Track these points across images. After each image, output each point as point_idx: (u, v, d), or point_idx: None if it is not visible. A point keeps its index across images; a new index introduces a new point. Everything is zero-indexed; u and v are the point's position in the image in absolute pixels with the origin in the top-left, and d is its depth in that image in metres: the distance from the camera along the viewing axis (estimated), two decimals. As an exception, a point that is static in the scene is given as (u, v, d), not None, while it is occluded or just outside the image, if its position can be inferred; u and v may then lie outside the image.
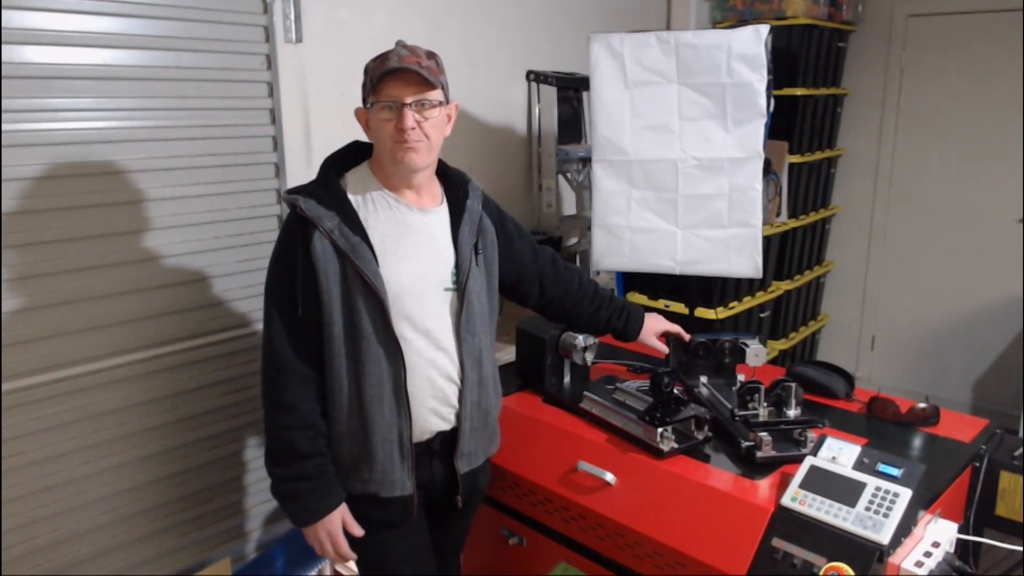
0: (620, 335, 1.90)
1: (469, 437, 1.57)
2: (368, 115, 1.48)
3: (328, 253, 1.41)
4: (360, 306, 1.43)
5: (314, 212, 1.41)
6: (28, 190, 1.73)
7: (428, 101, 1.44)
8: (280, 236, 1.48)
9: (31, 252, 1.76)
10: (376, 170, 1.53)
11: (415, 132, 1.43)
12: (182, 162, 1.98)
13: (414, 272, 1.48)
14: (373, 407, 1.45)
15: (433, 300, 1.51)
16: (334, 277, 1.42)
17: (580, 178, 3.22)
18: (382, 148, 1.47)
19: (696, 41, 2.19)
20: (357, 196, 1.49)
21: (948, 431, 1.69)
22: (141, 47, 1.87)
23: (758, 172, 2.21)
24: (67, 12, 1.75)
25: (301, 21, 2.17)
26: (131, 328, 1.93)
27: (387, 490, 1.50)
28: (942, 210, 3.80)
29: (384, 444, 1.47)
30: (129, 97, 1.87)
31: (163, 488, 2.04)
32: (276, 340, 1.43)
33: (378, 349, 1.44)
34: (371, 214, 1.48)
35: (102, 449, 1.92)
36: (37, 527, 1.83)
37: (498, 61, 2.88)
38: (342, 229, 1.42)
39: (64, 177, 1.79)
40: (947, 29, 3.67)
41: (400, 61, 1.40)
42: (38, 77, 1.73)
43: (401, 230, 1.49)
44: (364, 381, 1.45)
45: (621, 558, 1.56)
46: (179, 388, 2.03)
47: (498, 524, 1.83)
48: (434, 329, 1.51)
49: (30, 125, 1.72)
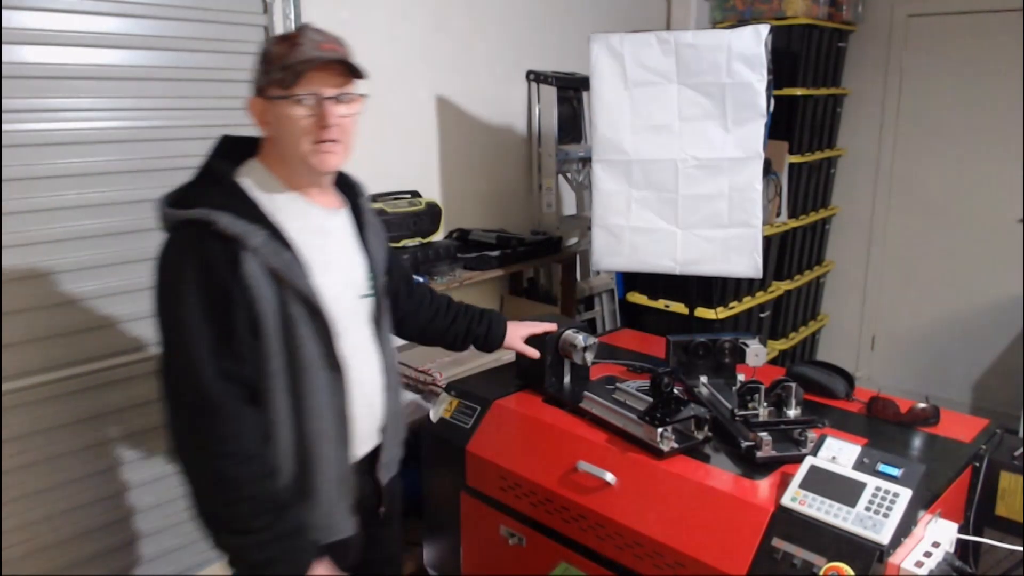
0: (484, 343, 1.77)
1: (390, 446, 1.49)
2: (267, 107, 1.27)
3: (261, 275, 1.21)
4: (301, 331, 1.25)
5: (238, 229, 1.19)
6: (28, 190, 1.73)
7: (351, 95, 1.28)
8: (188, 259, 1.19)
9: (31, 252, 1.76)
10: (275, 168, 1.31)
11: (337, 130, 1.26)
12: (182, 162, 1.97)
13: (338, 284, 1.34)
14: (318, 442, 1.29)
15: (355, 311, 1.39)
16: (271, 303, 1.22)
17: (580, 178, 3.22)
18: (292, 148, 1.27)
19: (696, 41, 2.19)
20: (262, 201, 1.27)
21: (948, 431, 1.69)
22: (141, 47, 1.88)
23: (758, 172, 2.21)
24: (67, 12, 1.75)
25: (301, 21, 2.17)
26: (131, 328, 1.93)
27: (326, 535, 1.34)
28: (942, 210, 3.80)
29: (327, 483, 1.32)
30: (129, 97, 1.87)
31: (163, 488, 2.04)
32: (209, 384, 1.18)
33: (321, 377, 1.28)
34: (286, 222, 1.27)
35: (102, 449, 1.92)
36: (37, 527, 1.83)
37: (498, 61, 2.88)
38: (271, 245, 1.22)
39: (64, 177, 1.79)
40: (947, 29, 3.67)
41: (319, 48, 1.23)
42: (38, 77, 1.73)
43: (321, 237, 1.33)
44: (307, 415, 1.28)
45: (621, 558, 1.56)
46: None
47: (498, 524, 1.83)
48: (362, 342, 1.40)
49: (30, 125, 1.72)
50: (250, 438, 1.23)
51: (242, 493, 1.21)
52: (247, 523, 1.21)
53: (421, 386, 2.41)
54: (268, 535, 1.22)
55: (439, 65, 2.69)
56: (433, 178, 2.75)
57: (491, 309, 1.80)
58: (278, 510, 1.24)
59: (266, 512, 1.22)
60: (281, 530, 1.24)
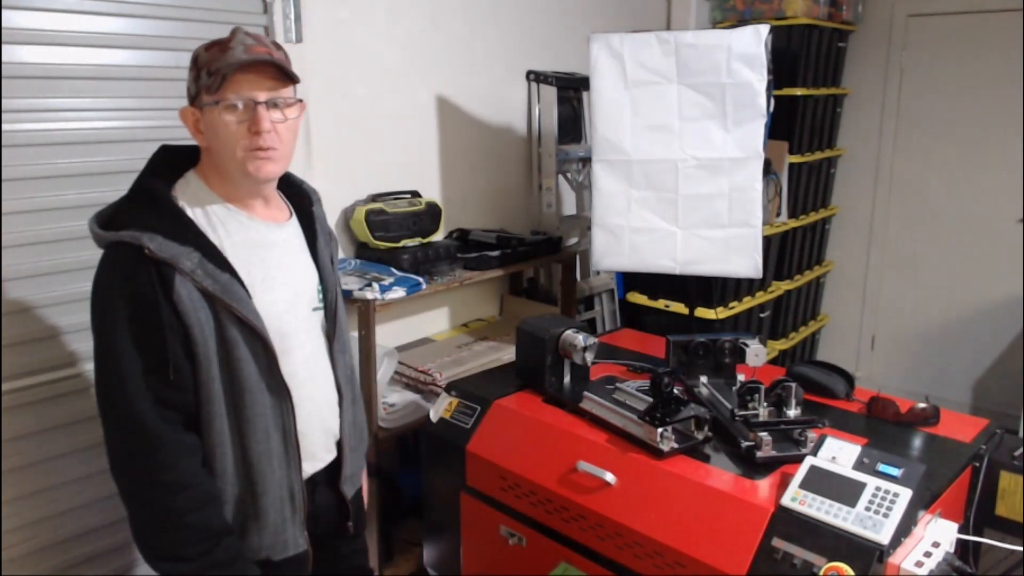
0: None
1: (351, 459, 1.46)
2: (199, 116, 1.22)
3: (195, 299, 1.16)
4: (240, 354, 1.21)
5: (169, 252, 1.14)
6: (28, 190, 1.73)
7: (285, 99, 1.23)
8: (118, 283, 1.16)
9: (31, 252, 1.76)
10: (211, 181, 1.26)
11: (271, 136, 1.20)
12: (182, 162, 1.98)
13: (286, 300, 1.30)
14: (262, 464, 1.27)
15: (306, 326, 1.34)
16: (207, 326, 1.18)
17: (580, 178, 3.22)
18: (226, 156, 1.22)
19: (696, 41, 2.19)
20: (198, 216, 1.23)
21: (948, 431, 1.69)
22: (141, 47, 1.88)
23: (758, 172, 2.21)
24: (67, 12, 1.75)
25: (301, 21, 2.17)
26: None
27: (279, 551, 1.32)
28: (942, 210, 3.80)
29: (275, 503, 1.30)
30: (129, 97, 1.87)
31: (163, 488, 2.04)
32: (143, 412, 1.15)
33: (264, 398, 1.25)
34: (224, 239, 1.23)
35: (102, 449, 1.91)
36: (37, 527, 1.83)
37: (498, 61, 2.88)
38: (206, 267, 1.17)
39: (64, 177, 1.79)
40: (947, 29, 3.67)
41: (249, 51, 1.18)
42: (38, 77, 1.73)
43: (262, 253, 1.28)
44: (249, 438, 1.25)
45: (621, 558, 1.56)
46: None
47: (498, 524, 1.83)
48: (312, 357, 1.36)
49: (30, 125, 1.72)
50: (187, 466, 1.20)
51: (179, 521, 1.19)
52: (183, 551, 1.20)
53: (421, 386, 2.41)
54: (204, 562, 1.21)
55: (439, 65, 2.69)
56: (433, 178, 2.75)
57: None
58: (215, 537, 1.22)
59: (202, 540, 1.20)
60: (218, 558, 1.22)
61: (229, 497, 1.27)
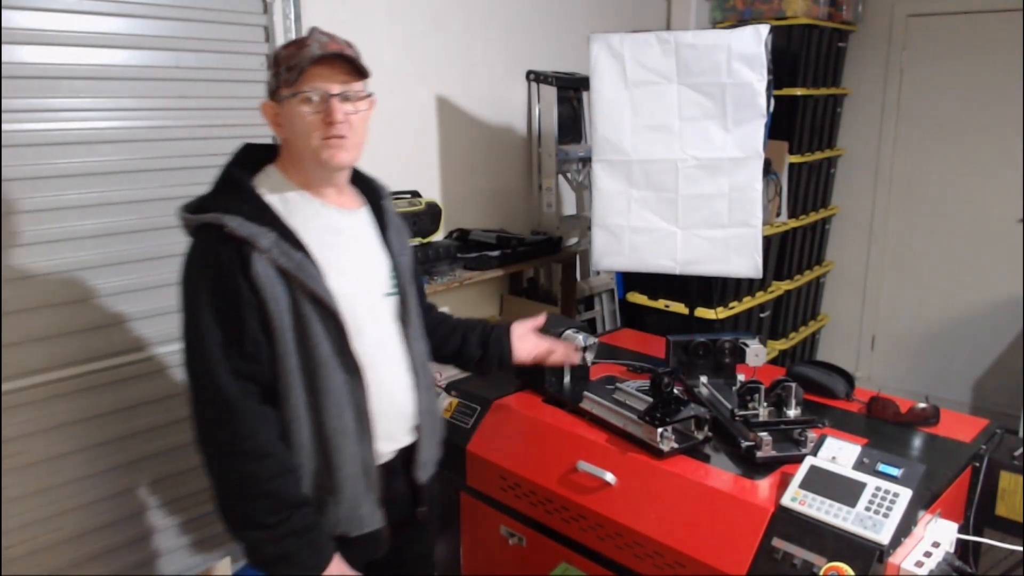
0: (492, 340, 1.67)
1: (426, 445, 1.49)
2: (279, 109, 1.31)
3: (272, 276, 1.24)
4: (314, 330, 1.27)
5: (247, 231, 1.23)
6: (28, 190, 1.73)
7: (357, 92, 1.30)
8: (203, 261, 1.25)
9: (31, 252, 1.76)
10: (290, 172, 1.35)
11: (344, 126, 1.28)
12: (182, 162, 1.98)
13: (356, 282, 1.36)
14: (337, 439, 1.31)
15: (378, 309, 1.40)
16: (283, 302, 1.25)
17: (580, 178, 3.22)
18: (302, 145, 1.30)
19: (696, 41, 2.19)
20: (276, 204, 1.31)
21: (948, 431, 1.69)
22: (141, 47, 1.88)
23: (758, 172, 2.21)
24: (67, 12, 1.75)
25: (301, 21, 2.17)
26: (131, 328, 1.93)
27: (355, 527, 1.36)
28: (942, 210, 3.80)
29: (350, 478, 1.33)
30: (129, 97, 1.87)
31: (163, 488, 2.04)
32: (224, 382, 1.23)
33: (337, 375, 1.30)
34: (300, 224, 1.30)
35: (102, 449, 1.92)
36: (37, 527, 1.83)
37: (498, 61, 2.88)
38: (281, 246, 1.25)
39: (64, 177, 1.79)
40: (947, 29, 3.67)
41: (323, 47, 1.26)
42: (38, 77, 1.73)
43: (334, 237, 1.35)
44: (324, 413, 1.30)
45: (621, 558, 1.56)
46: (179, 388, 2.03)
47: (498, 524, 1.83)
48: (384, 341, 1.40)
49: (30, 125, 1.72)
50: (266, 436, 1.25)
51: (258, 490, 1.24)
52: (262, 519, 1.24)
53: (421, 386, 2.40)
54: (282, 531, 1.25)
55: (439, 65, 2.69)
56: (433, 178, 2.75)
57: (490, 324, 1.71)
58: (292, 507, 1.26)
59: (280, 509, 1.25)
60: (295, 527, 1.26)
61: (307, 471, 1.32)
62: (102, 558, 1.95)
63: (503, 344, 1.66)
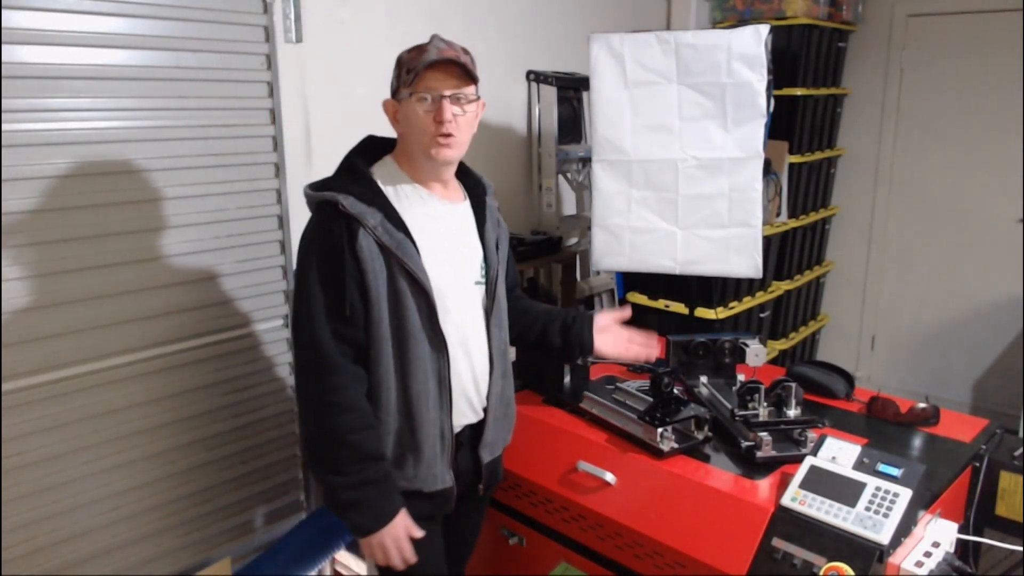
0: (573, 331, 1.71)
1: (493, 427, 1.60)
2: (398, 107, 1.47)
3: (374, 251, 1.40)
4: (407, 303, 1.42)
5: (357, 209, 1.39)
6: (28, 190, 1.73)
7: (466, 95, 1.44)
8: (317, 233, 1.43)
9: (31, 252, 1.76)
10: (403, 163, 1.51)
11: (451, 125, 1.41)
12: (182, 162, 1.98)
13: (449, 266, 1.49)
14: (420, 403, 1.46)
15: (466, 294, 1.53)
16: (381, 275, 1.41)
17: (580, 178, 3.22)
18: (415, 141, 1.46)
19: (696, 41, 2.19)
20: (388, 190, 1.47)
21: (948, 431, 1.69)
22: (141, 47, 1.87)
23: (758, 172, 2.21)
24: (67, 12, 1.75)
25: (301, 21, 2.17)
26: (131, 328, 1.93)
27: (430, 484, 1.50)
28: (942, 210, 3.80)
29: (429, 439, 1.48)
30: (129, 97, 1.87)
31: (163, 488, 2.04)
32: (324, 341, 1.39)
33: (424, 345, 1.45)
34: (406, 209, 1.46)
35: (102, 449, 1.92)
36: (37, 527, 1.83)
37: (498, 61, 2.88)
38: (385, 226, 1.40)
39: (64, 177, 1.79)
40: (947, 29, 3.67)
41: (440, 53, 1.40)
42: (38, 77, 1.73)
43: (434, 224, 1.49)
44: (411, 378, 1.45)
45: (621, 558, 1.56)
46: (179, 388, 2.03)
47: (498, 524, 1.83)
48: (469, 323, 1.53)
49: (30, 125, 1.72)
50: (354, 392, 1.41)
51: (342, 439, 1.39)
52: (342, 467, 1.39)
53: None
54: (358, 479, 1.39)
55: (439, 65, 2.68)
56: (433, 178, 2.75)
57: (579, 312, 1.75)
58: (370, 459, 1.41)
59: (359, 460, 1.40)
60: (370, 477, 1.40)
61: (391, 429, 1.47)
62: (102, 558, 1.95)
63: (583, 337, 1.71)
